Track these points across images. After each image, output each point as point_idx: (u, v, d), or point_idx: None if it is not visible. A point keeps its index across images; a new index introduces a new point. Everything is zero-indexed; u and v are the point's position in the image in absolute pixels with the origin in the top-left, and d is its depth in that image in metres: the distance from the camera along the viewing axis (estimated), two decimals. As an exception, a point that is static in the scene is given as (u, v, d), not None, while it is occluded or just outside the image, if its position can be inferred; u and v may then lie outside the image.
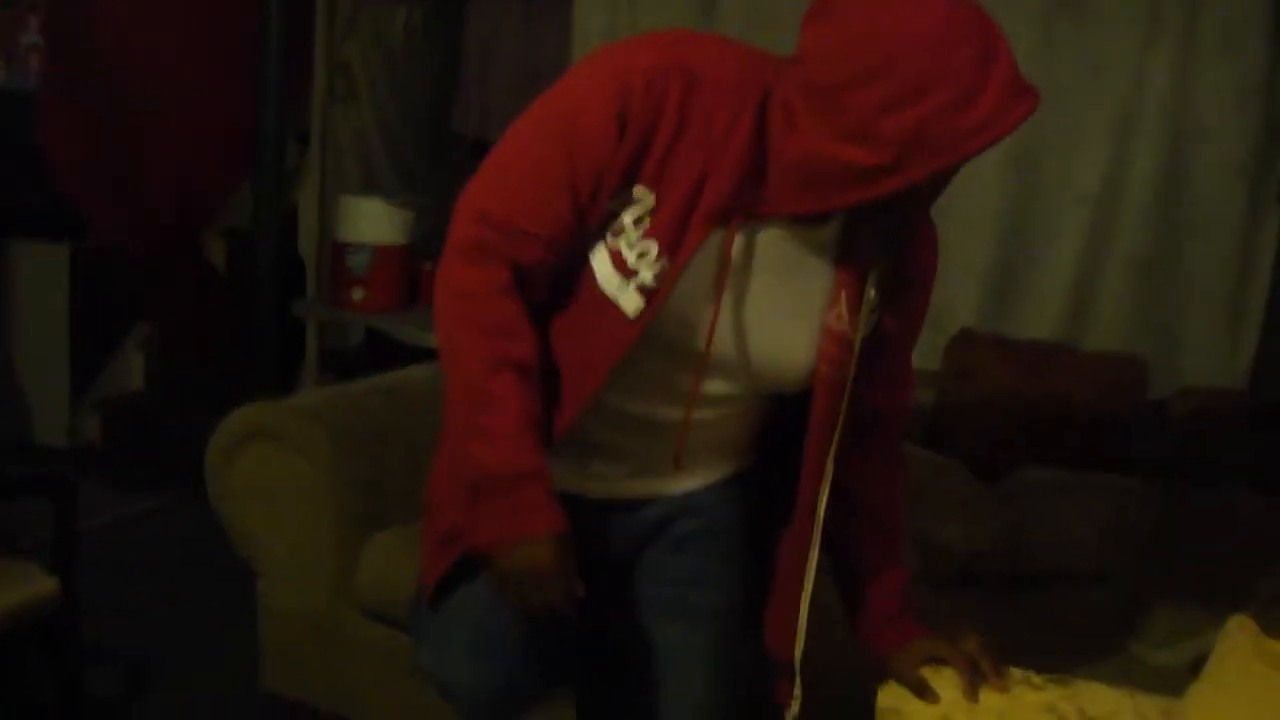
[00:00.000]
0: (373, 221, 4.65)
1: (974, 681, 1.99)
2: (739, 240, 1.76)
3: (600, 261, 1.76)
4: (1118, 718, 2.01)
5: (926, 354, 3.75)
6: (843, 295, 1.82)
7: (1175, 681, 2.11)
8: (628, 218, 1.74)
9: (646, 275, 1.73)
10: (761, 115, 1.70)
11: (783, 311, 1.83)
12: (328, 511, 3.12)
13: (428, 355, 3.84)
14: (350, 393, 3.47)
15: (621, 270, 1.74)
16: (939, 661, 2.03)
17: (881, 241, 1.83)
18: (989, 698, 2.04)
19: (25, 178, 5.36)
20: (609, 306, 1.75)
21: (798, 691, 2.03)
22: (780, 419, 2.01)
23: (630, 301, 1.74)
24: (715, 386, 1.86)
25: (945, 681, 2.07)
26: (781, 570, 2.01)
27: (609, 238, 1.76)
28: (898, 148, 1.55)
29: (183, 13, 5.13)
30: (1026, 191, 3.83)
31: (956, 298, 3.79)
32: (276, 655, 3.33)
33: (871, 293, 1.84)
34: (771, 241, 1.79)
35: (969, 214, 3.71)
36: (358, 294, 4.66)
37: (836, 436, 1.88)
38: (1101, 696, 2.04)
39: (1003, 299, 3.85)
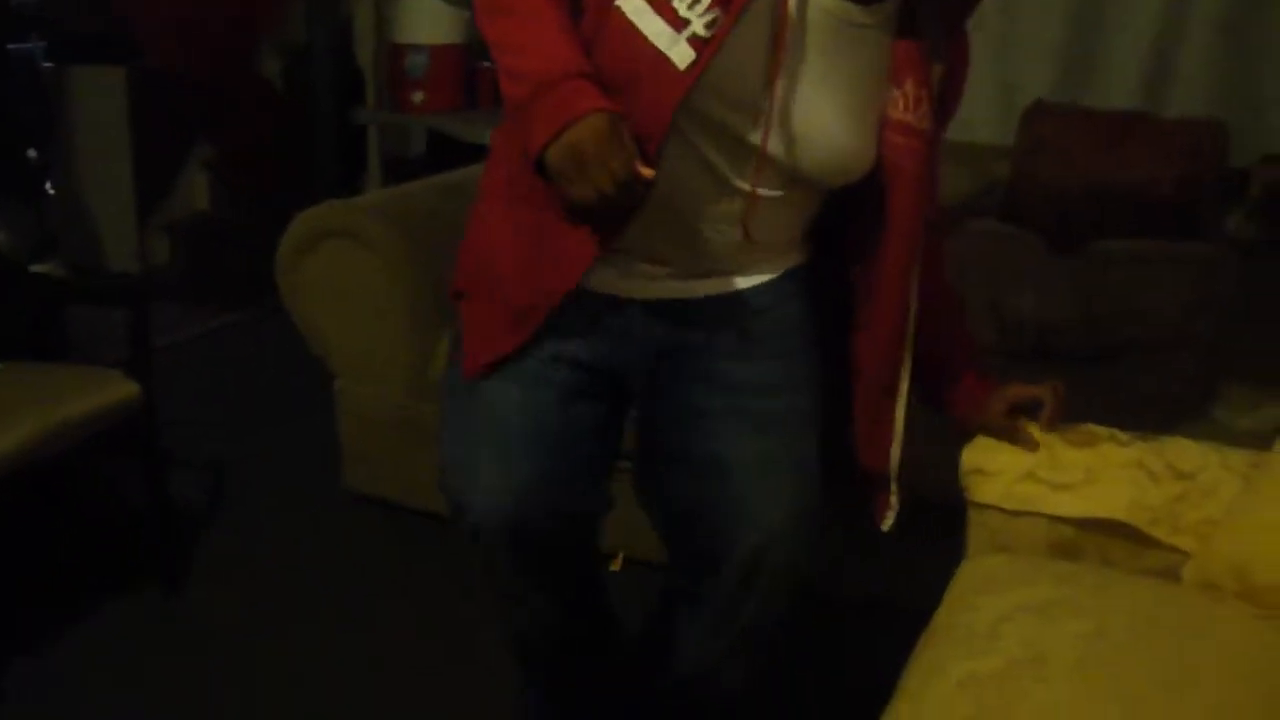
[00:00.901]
0: (429, 22, 4.59)
1: (1057, 412, 2.02)
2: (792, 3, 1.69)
3: (644, 17, 1.67)
4: (1205, 472, 1.99)
5: (1000, 128, 3.68)
6: (906, 81, 1.77)
7: (1257, 445, 2.08)
8: None
9: (698, 25, 1.64)
10: None
11: (838, 91, 1.75)
12: (401, 307, 3.13)
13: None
14: (416, 191, 3.47)
15: (671, 21, 1.65)
16: (1021, 412, 2.03)
17: (942, 23, 1.78)
18: (1075, 454, 2.03)
19: (78, 2, 5.31)
20: (658, 63, 1.66)
21: (894, 500, 2.01)
22: (826, 214, 1.94)
23: (681, 53, 1.65)
24: (769, 171, 1.77)
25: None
26: (865, 377, 1.95)
27: None
28: None
29: None
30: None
31: (1029, 69, 3.70)
32: (356, 454, 3.38)
33: (939, 69, 1.79)
34: (824, 14, 1.71)
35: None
36: (417, 97, 4.61)
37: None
38: (1188, 451, 2.02)
39: (1078, 68, 3.74)
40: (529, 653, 2.31)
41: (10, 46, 5.53)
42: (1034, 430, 2.04)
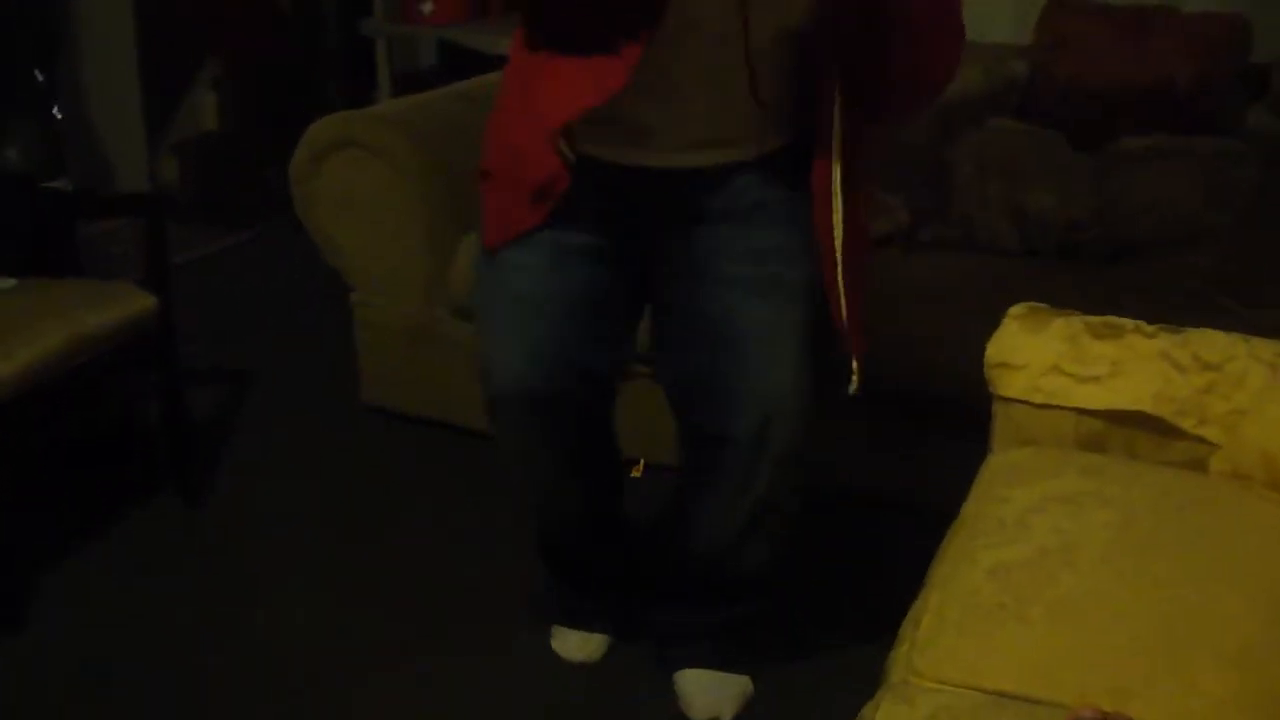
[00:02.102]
0: (436, -70, 4.54)
1: None
2: None
3: None
4: (1233, 362, 1.98)
5: (1018, 26, 3.63)
6: None
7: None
8: None
9: None
10: None
11: None
12: (416, 216, 3.12)
13: (502, 63, 3.77)
14: (430, 100, 3.44)
15: None
16: None
17: None
18: (1101, 347, 2.02)
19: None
20: None
21: (855, 365, 2.02)
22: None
23: None
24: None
25: (1055, 333, 2.05)
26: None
27: None
28: None
29: None
30: None
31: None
32: (373, 366, 3.37)
33: None
34: None
35: None
36: (426, 7, 4.57)
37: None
38: (1215, 342, 2.01)
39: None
40: (551, 546, 2.38)
41: (13, -34, 5.47)
42: (1052, 336, 2.03)
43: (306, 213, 3.21)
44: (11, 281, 2.86)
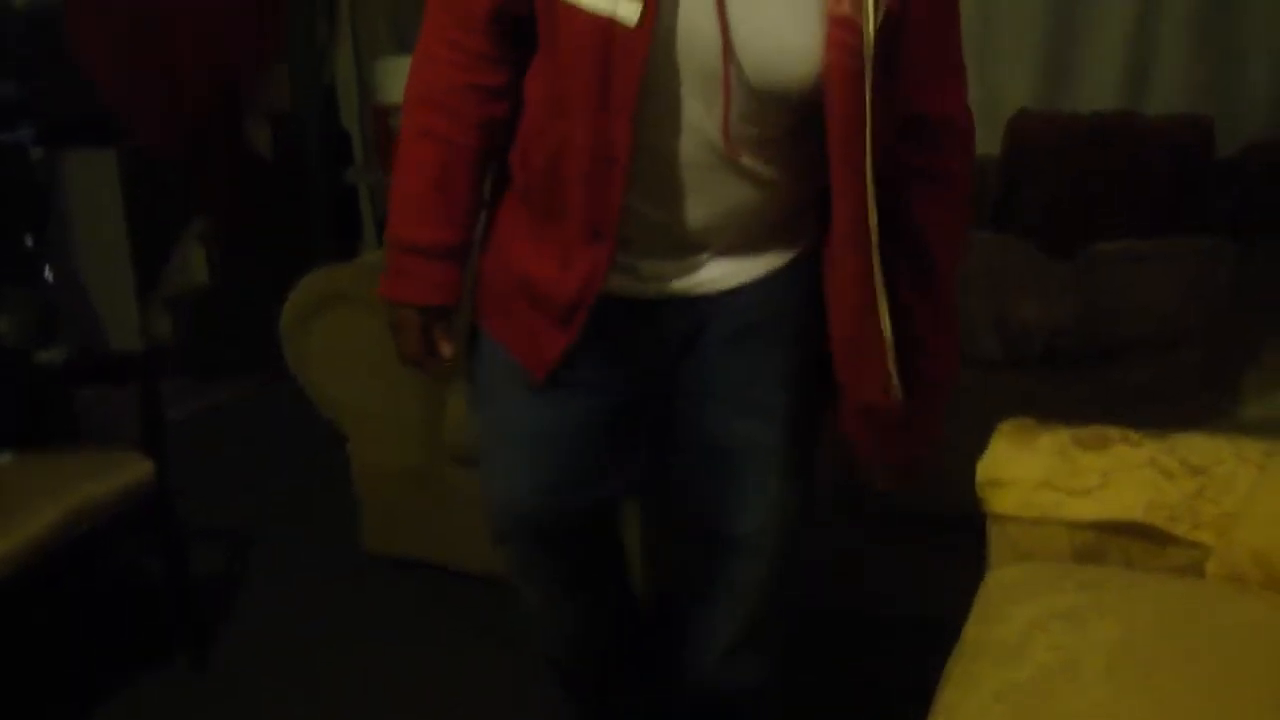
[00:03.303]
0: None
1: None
2: None
3: None
4: (1221, 465, 2.00)
5: (985, 140, 3.68)
6: None
7: (1268, 433, 2.10)
8: None
9: None
10: None
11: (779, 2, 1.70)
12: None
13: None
14: (413, 248, 3.47)
15: None
16: None
17: None
18: (1090, 458, 2.04)
19: (63, 90, 5.34)
20: (611, 31, 1.65)
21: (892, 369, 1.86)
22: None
23: (628, 11, 1.63)
24: (736, 109, 1.72)
25: (1043, 447, 2.07)
26: (841, 314, 1.84)
27: None
28: None
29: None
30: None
31: (1009, 80, 3.71)
32: (374, 515, 3.38)
33: None
34: None
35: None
36: (406, 154, 4.63)
37: (870, 134, 1.66)
38: (1201, 446, 2.03)
39: (1057, 75, 3.76)
40: (568, 674, 2.37)
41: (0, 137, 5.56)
42: (1042, 450, 2.05)
43: (298, 369, 3.24)
44: (8, 456, 2.87)
